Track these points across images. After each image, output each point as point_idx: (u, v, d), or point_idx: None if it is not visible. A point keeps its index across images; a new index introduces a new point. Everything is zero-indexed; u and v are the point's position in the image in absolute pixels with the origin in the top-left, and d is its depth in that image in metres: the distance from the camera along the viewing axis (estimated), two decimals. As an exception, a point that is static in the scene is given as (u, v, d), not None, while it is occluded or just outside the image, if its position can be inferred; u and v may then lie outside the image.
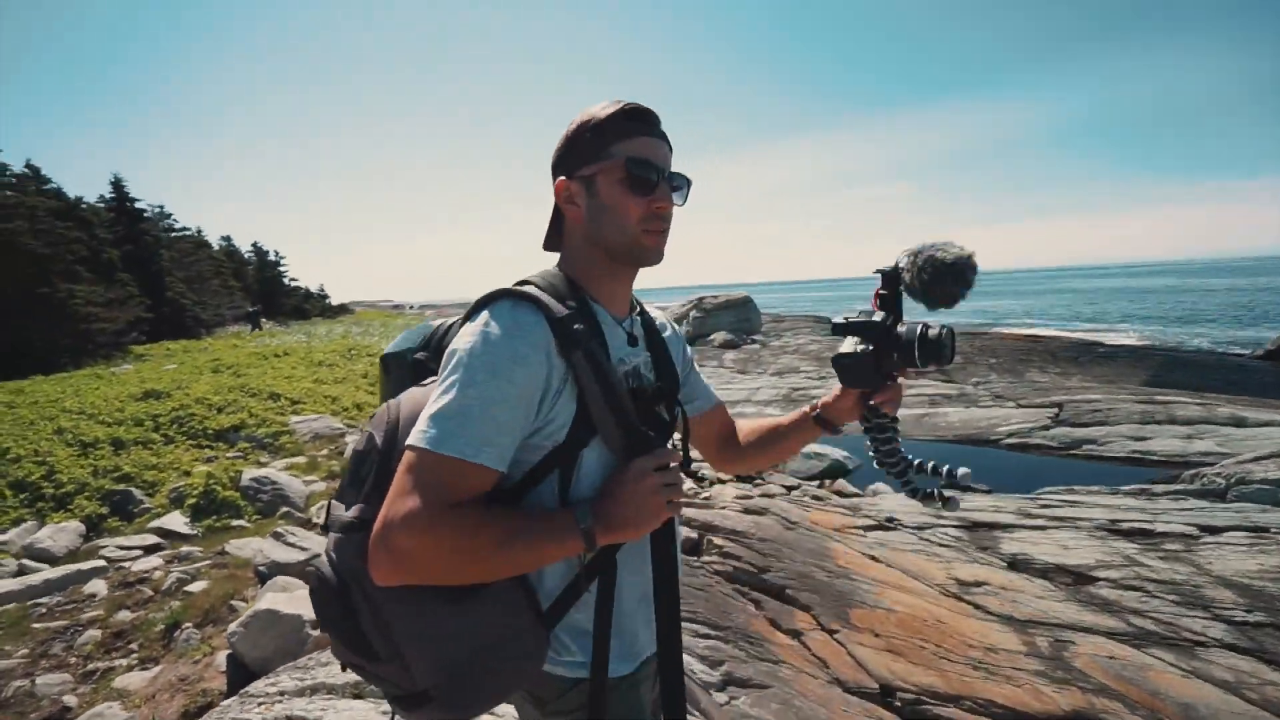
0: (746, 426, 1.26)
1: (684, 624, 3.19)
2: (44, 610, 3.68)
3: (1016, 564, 3.99)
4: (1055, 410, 8.63)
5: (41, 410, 7.20)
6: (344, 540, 0.80)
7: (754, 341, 20.78)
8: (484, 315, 0.81)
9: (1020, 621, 3.33)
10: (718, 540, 4.15)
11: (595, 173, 0.87)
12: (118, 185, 25.44)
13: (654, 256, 0.91)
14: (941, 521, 4.64)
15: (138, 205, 26.07)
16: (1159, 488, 5.68)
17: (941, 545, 4.25)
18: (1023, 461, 7.18)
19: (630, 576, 0.90)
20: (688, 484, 6.62)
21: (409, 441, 0.74)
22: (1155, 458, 6.93)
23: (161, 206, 31.13)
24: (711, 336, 20.45)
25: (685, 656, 2.98)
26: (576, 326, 0.80)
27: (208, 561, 4.27)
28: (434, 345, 0.98)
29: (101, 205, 25.06)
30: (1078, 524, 4.46)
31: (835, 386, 1.12)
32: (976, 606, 3.50)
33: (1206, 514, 4.63)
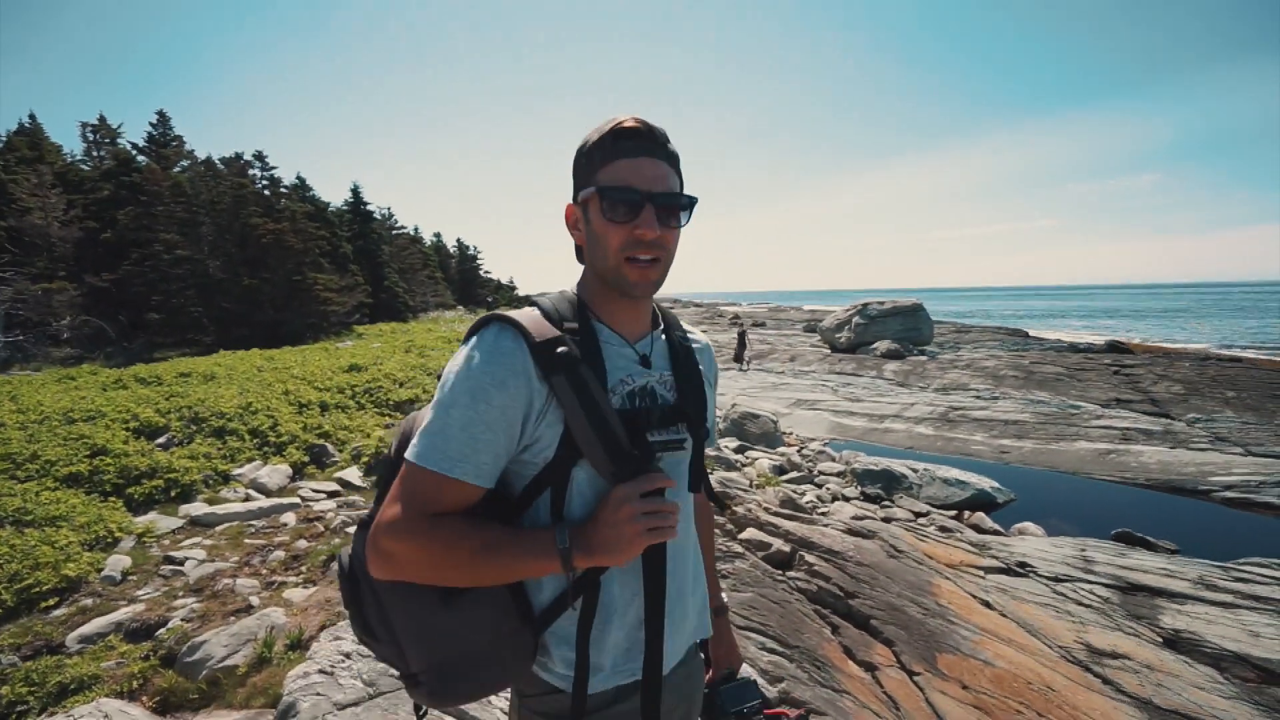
0: (704, 531, 1.19)
1: (750, 635, 3.18)
2: (254, 530, 4.71)
3: (1178, 642, 3.31)
4: (1306, 463, 6.79)
5: (279, 374, 9.10)
6: (358, 535, 0.93)
7: (921, 353, 19.03)
8: (471, 341, 0.85)
9: (1162, 710, 2.78)
10: (810, 557, 3.99)
11: (586, 200, 0.87)
12: (355, 191, 31.01)
13: (638, 289, 0.87)
14: (1089, 576, 3.97)
15: (368, 208, 31.44)
16: None
17: (1079, 604, 3.65)
18: (1235, 521, 5.75)
19: (634, 598, 0.90)
20: (809, 495, 6.35)
21: (405, 454, 0.82)
22: None
23: (389, 208, 37.21)
24: (874, 345, 19.07)
25: (746, 667, 2.96)
26: (561, 350, 0.82)
27: (368, 510, 5.13)
28: None
29: (344, 208, 30.69)
30: (1284, 608, 3.55)
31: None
32: (1106, 681, 2.98)
33: None
